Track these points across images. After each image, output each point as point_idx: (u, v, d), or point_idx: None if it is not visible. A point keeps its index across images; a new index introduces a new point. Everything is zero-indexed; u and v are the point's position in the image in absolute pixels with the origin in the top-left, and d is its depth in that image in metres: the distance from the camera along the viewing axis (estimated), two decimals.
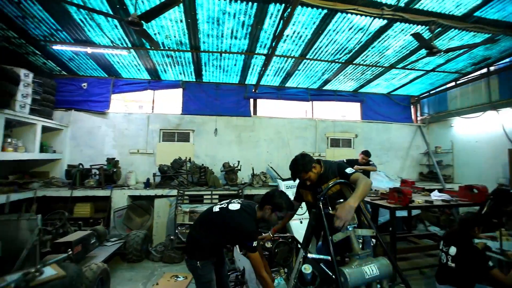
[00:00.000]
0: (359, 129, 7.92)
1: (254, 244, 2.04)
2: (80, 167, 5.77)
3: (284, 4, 4.01)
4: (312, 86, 7.44)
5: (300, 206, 2.76)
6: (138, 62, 5.90)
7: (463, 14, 4.28)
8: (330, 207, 1.96)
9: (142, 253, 4.67)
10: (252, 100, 7.44)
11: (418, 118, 8.50)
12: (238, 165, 6.43)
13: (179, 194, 5.33)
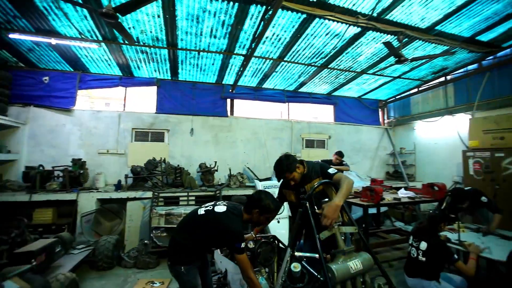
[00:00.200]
0: (332, 130, 8.26)
1: (242, 246, 2.04)
2: (41, 168, 5.25)
3: (265, 6, 4.05)
4: (289, 88, 7.61)
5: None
6: (109, 56, 5.54)
7: (427, 27, 4.70)
8: (316, 207, 2.03)
9: (114, 259, 4.39)
10: (229, 100, 7.38)
11: (385, 121, 9.11)
12: (215, 165, 6.34)
13: (154, 196, 5.11)
